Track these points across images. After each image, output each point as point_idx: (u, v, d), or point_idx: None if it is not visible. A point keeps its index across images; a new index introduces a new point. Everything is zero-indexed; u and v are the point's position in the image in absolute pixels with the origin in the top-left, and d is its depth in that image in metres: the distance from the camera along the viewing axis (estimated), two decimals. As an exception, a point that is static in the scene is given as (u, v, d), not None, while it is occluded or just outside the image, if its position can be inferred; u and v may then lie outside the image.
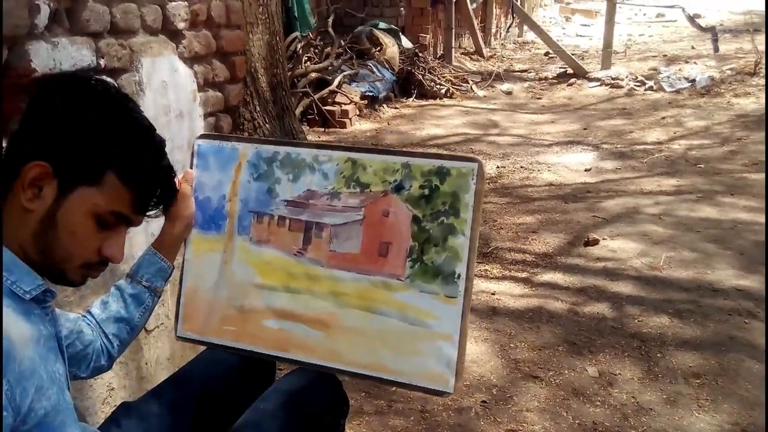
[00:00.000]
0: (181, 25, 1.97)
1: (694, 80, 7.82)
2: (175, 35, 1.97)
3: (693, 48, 10.37)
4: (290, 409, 1.22)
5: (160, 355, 2.01)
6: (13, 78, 1.37)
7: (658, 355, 2.45)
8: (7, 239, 0.89)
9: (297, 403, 1.23)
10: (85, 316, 1.22)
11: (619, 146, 5.58)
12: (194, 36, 2.05)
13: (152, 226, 1.93)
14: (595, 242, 3.51)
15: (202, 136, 1.41)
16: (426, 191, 1.23)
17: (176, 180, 1.31)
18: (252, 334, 1.31)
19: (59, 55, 1.47)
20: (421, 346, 1.21)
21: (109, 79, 1.01)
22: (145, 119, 1.02)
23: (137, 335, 1.30)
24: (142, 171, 0.97)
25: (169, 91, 1.94)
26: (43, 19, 1.44)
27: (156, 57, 1.85)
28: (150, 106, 1.86)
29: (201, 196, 1.37)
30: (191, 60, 2.04)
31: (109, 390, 1.75)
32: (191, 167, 1.38)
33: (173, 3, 1.93)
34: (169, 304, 2.02)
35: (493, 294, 2.97)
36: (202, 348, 1.42)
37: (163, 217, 1.33)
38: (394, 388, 2.25)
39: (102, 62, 1.64)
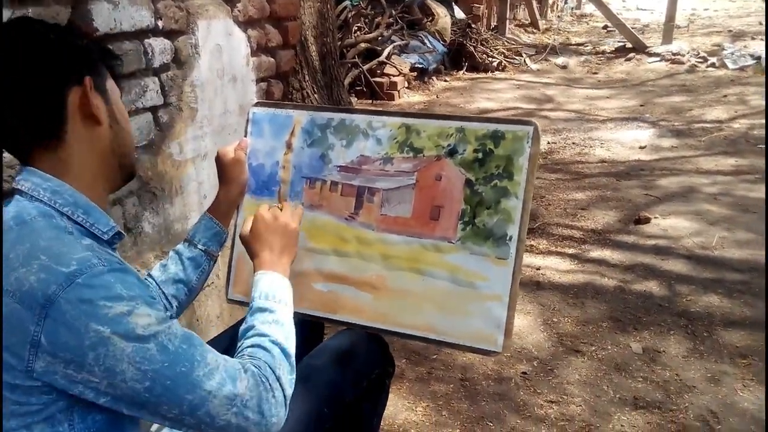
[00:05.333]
0: (236, -11, 1.99)
1: (759, 57, 7.47)
2: (230, -1, 1.99)
3: (761, 24, 9.89)
4: (338, 365, 1.25)
5: (210, 313, 2.08)
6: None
7: (705, 334, 2.40)
8: (75, 183, 0.92)
9: (345, 360, 1.27)
10: (145, 278, 1.27)
11: (677, 124, 5.40)
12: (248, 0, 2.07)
13: (204, 187, 1.99)
14: (647, 220, 3.43)
15: (257, 104, 1.44)
16: (480, 155, 1.23)
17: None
18: (301, 295, 1.33)
19: (120, 15, 1.52)
20: (471, 307, 1.21)
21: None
22: None
23: (195, 297, 1.34)
24: (97, 45, 1.00)
25: (223, 54, 1.97)
26: (105, -21, 1.48)
27: (211, 20, 1.89)
28: (204, 69, 1.90)
29: (254, 162, 1.39)
30: (245, 24, 2.07)
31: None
32: (245, 134, 1.41)
33: (229, -33, 1.95)
34: (219, 264, 2.07)
35: (538, 269, 2.95)
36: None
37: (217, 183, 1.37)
38: (435, 355, 2.27)
39: (160, 23, 1.68)
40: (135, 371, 0.81)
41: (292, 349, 1.03)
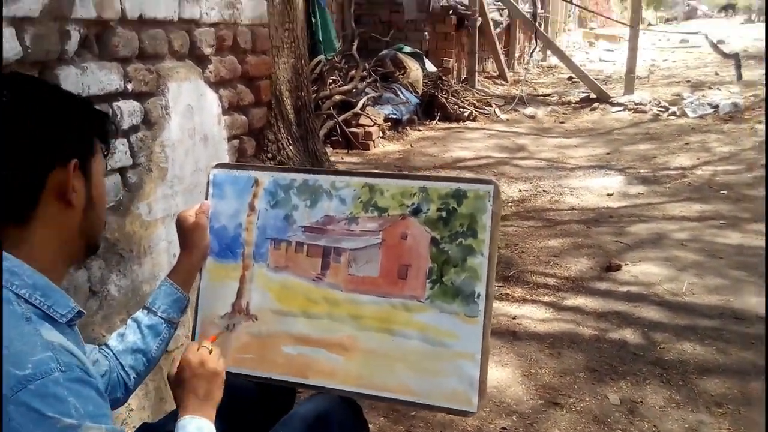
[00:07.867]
0: (207, 51, 2.02)
1: (717, 106, 7.76)
2: (201, 60, 2.02)
3: (717, 74, 10.32)
4: (310, 433, 1.22)
5: (180, 375, 2.02)
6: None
7: (680, 382, 2.40)
8: (35, 263, 0.89)
9: (316, 427, 1.23)
10: (102, 349, 1.22)
11: (642, 171, 5.53)
12: (220, 61, 2.10)
13: (174, 246, 1.97)
14: (618, 267, 3.47)
15: (217, 166, 1.43)
16: (444, 213, 1.24)
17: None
18: (271, 360, 1.31)
19: (88, 79, 1.52)
20: (443, 366, 1.20)
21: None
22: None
23: (153, 368, 1.29)
24: (102, 121, 1.01)
25: (194, 114, 1.98)
26: (73, 45, 1.49)
27: (182, 81, 1.90)
28: (175, 129, 1.90)
29: (217, 224, 1.38)
30: (217, 84, 2.09)
31: (128, 410, 1.77)
32: (206, 197, 1.39)
33: (200, 29, 1.98)
34: (188, 326, 2.03)
35: (513, 318, 2.94)
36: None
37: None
38: (414, 413, 2.23)
39: (129, 86, 1.68)
40: None
41: None
